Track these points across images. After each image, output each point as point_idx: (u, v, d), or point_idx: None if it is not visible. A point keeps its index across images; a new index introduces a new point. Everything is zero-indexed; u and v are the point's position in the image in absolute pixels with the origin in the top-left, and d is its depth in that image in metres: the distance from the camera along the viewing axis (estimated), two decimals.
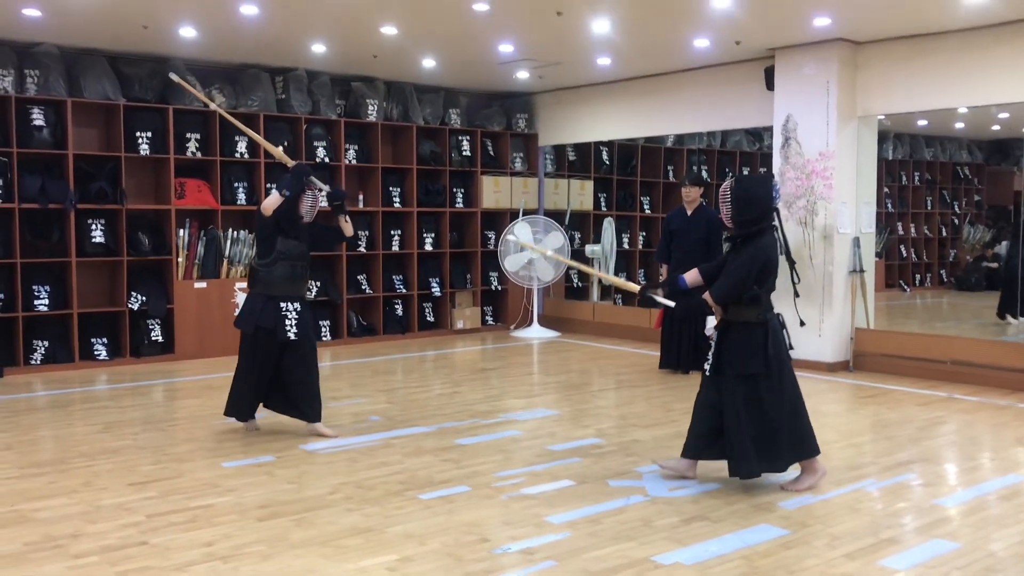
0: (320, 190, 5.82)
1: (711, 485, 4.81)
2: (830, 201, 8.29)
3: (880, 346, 8.35)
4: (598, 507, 4.43)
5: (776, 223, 4.67)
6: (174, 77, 6.49)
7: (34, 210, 8.23)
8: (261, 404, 5.90)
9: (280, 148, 7.12)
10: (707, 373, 4.75)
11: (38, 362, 8.24)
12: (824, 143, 8.30)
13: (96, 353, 8.53)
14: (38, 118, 8.19)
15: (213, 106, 6.53)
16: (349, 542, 3.96)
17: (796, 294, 4.93)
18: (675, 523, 4.22)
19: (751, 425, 4.56)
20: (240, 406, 5.83)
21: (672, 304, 4.90)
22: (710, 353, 4.75)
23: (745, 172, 13.62)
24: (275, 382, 5.78)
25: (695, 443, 4.78)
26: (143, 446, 5.59)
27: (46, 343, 8.29)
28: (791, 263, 4.87)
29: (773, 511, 4.40)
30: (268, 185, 9.48)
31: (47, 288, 8.27)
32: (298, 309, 5.68)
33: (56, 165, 8.44)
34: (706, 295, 4.66)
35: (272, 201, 5.60)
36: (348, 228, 5.96)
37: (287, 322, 5.61)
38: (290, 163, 5.91)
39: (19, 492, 4.67)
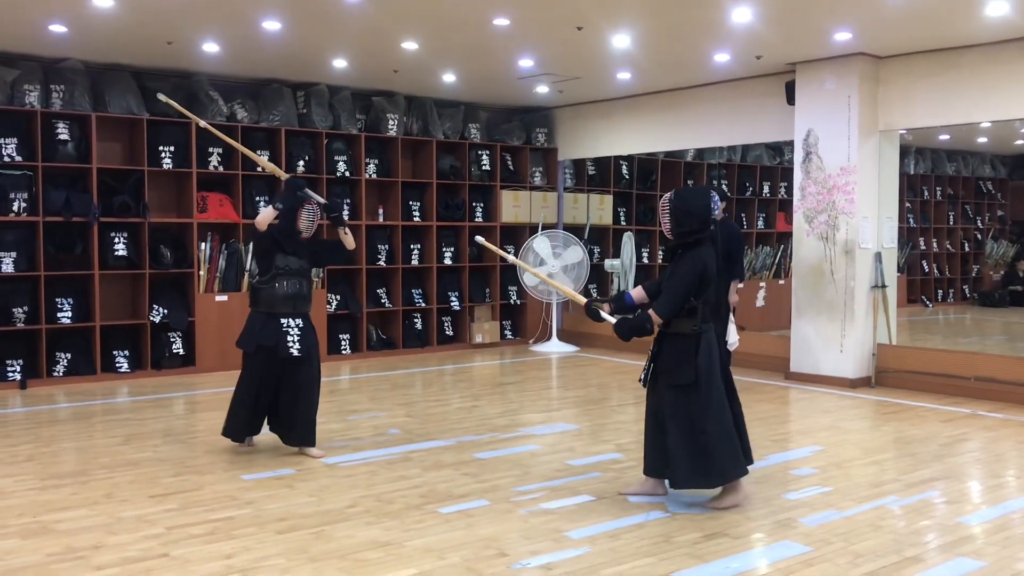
0: (316, 203, 5.72)
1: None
2: (852, 216, 8.25)
3: (902, 362, 8.28)
4: (618, 522, 4.40)
5: (714, 235, 4.63)
6: (162, 98, 6.38)
7: (58, 223, 8.31)
8: (267, 427, 5.77)
9: (265, 156, 7.15)
10: (642, 383, 4.73)
11: (61, 374, 8.30)
12: (846, 158, 8.27)
13: (118, 365, 8.58)
14: (63, 132, 8.29)
15: (203, 124, 6.36)
16: (368, 556, 3.96)
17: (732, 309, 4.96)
18: (695, 539, 4.19)
19: (682, 435, 4.53)
20: (236, 426, 5.68)
21: (615, 320, 4.76)
22: (646, 363, 4.73)
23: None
24: (276, 403, 5.64)
25: (649, 459, 4.75)
26: (164, 458, 5.62)
27: (69, 355, 8.35)
28: (739, 276, 4.83)
29: (794, 528, 4.36)
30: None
31: (70, 301, 8.34)
32: (300, 326, 5.56)
33: (80, 179, 8.53)
34: (650, 311, 4.59)
35: (265, 216, 5.51)
36: (349, 240, 5.80)
37: (289, 339, 5.49)
38: (283, 176, 5.83)
39: (41, 503, 4.70)
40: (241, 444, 5.83)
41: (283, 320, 5.53)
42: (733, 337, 8.02)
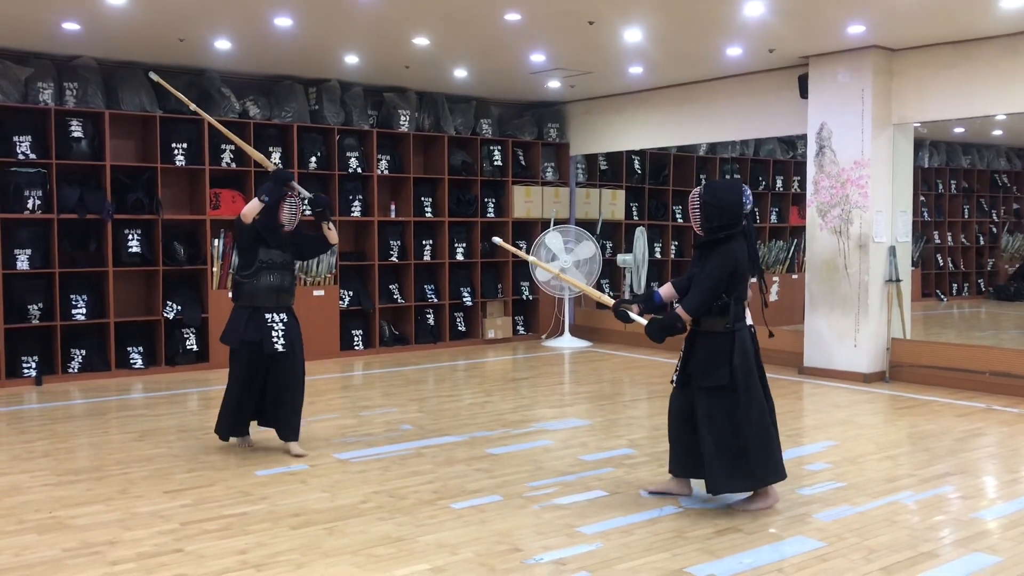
0: (302, 197, 5.66)
1: (745, 496, 4.75)
2: (865, 210, 8.21)
3: (917, 357, 8.24)
4: (631, 518, 4.40)
5: (746, 230, 4.49)
6: (153, 76, 6.24)
7: (72, 220, 8.35)
8: (256, 423, 5.74)
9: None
10: (673, 384, 4.63)
11: (75, 370, 8.35)
12: (859, 151, 8.22)
13: (132, 362, 8.63)
14: (77, 130, 8.32)
15: (193, 107, 6.26)
16: (381, 551, 3.97)
17: (764, 304, 4.74)
18: (708, 534, 4.18)
19: (718, 439, 4.40)
20: (227, 424, 5.63)
21: (645, 321, 4.61)
22: (677, 363, 4.63)
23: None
24: (264, 398, 5.61)
25: (678, 460, 4.64)
26: (178, 454, 5.64)
27: (83, 352, 8.40)
28: (759, 273, 4.60)
29: (808, 523, 4.34)
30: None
31: (85, 297, 8.39)
32: (285, 320, 5.50)
33: (94, 176, 8.56)
34: (678, 309, 4.47)
35: (251, 208, 5.44)
36: (332, 235, 5.72)
37: (273, 334, 5.43)
38: (272, 167, 5.76)
39: (57, 499, 4.73)
40: (243, 439, 5.77)
41: (267, 315, 5.46)
42: None
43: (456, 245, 10.73)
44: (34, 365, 8.14)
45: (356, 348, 9.97)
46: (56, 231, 8.23)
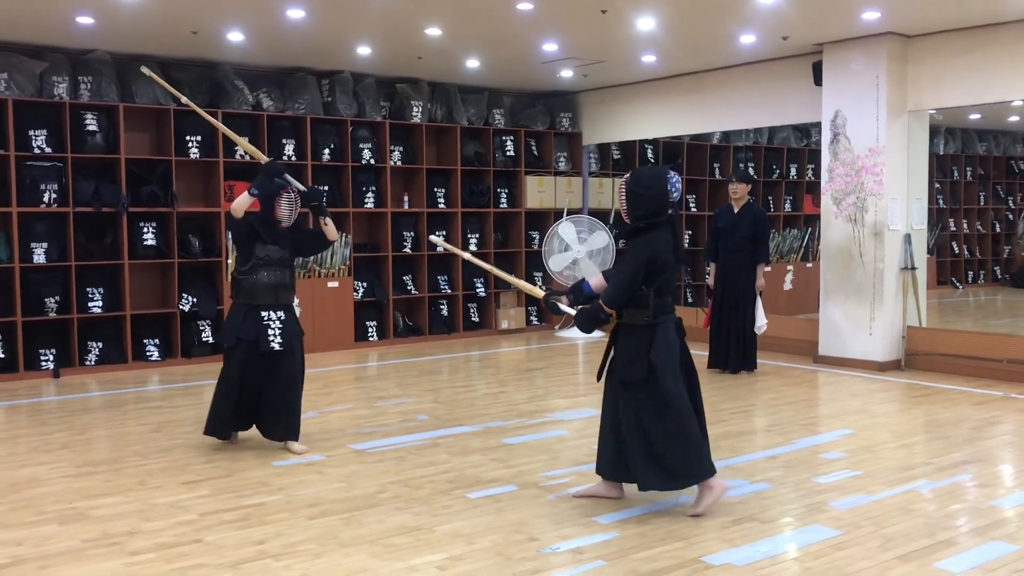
0: (297, 190, 5.49)
1: (761, 486, 4.76)
2: (880, 197, 8.16)
3: (933, 345, 8.20)
4: (647, 508, 4.40)
5: (671, 219, 4.31)
6: (145, 71, 6.09)
7: (88, 214, 8.40)
8: (254, 425, 5.60)
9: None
10: (597, 379, 4.49)
11: (92, 363, 8.40)
12: (874, 138, 8.18)
13: (148, 354, 8.68)
14: (91, 123, 8.36)
15: (184, 100, 6.04)
16: (398, 541, 3.99)
17: (686, 298, 4.60)
18: (725, 523, 4.18)
19: (639, 436, 4.25)
20: (216, 423, 5.48)
21: (574, 312, 4.45)
22: (604, 358, 4.44)
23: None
24: (259, 399, 5.47)
25: (603, 461, 4.48)
26: (195, 445, 5.67)
27: (100, 344, 8.45)
28: (682, 262, 4.44)
29: (824, 511, 4.34)
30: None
31: (101, 290, 8.44)
32: (282, 318, 5.39)
33: (109, 169, 8.60)
34: (600, 300, 4.33)
35: (241, 202, 5.28)
36: (331, 231, 5.57)
37: (270, 331, 5.33)
38: (264, 160, 5.59)
39: (76, 490, 4.77)
40: (228, 441, 5.66)
41: (263, 313, 5.35)
42: (761, 320, 8.02)
43: (469, 236, 10.74)
44: (52, 358, 8.20)
45: (370, 339, 10.00)
46: (72, 224, 8.27)
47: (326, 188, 9.44)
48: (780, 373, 8.15)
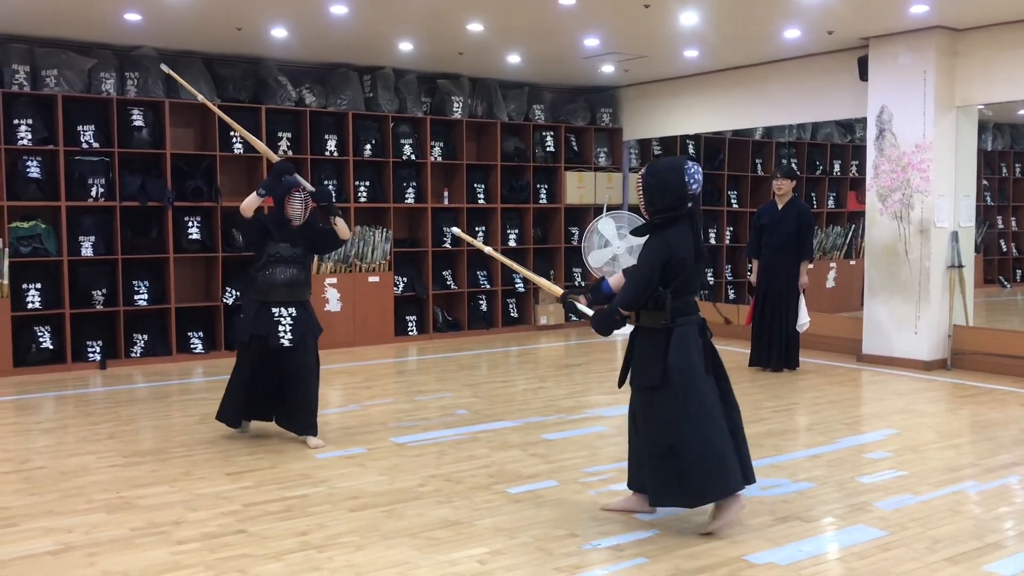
0: (304, 190, 5.52)
1: (804, 485, 4.71)
2: (927, 194, 8.04)
3: (980, 344, 8.06)
4: None
5: (691, 214, 4.03)
6: (164, 68, 6.18)
7: (134, 208, 8.52)
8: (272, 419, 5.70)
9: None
10: (619, 385, 4.27)
11: (138, 355, 8.54)
12: (921, 134, 8.05)
13: (192, 346, 8.79)
14: (138, 119, 8.48)
15: (201, 98, 6.20)
16: (439, 534, 4.00)
17: (702, 297, 4.25)
18: (768, 522, 4.15)
19: (653, 446, 4.01)
20: (227, 412, 5.61)
21: (591, 313, 4.26)
22: (625, 362, 4.22)
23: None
24: (276, 393, 5.57)
25: (632, 471, 4.27)
26: (238, 437, 5.74)
27: (145, 337, 8.58)
28: (703, 259, 4.15)
29: (869, 512, 4.28)
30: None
31: (146, 283, 8.57)
32: (293, 315, 5.43)
33: (155, 164, 8.72)
34: (615, 302, 4.10)
35: (249, 202, 5.39)
36: (343, 230, 5.59)
37: (280, 328, 5.39)
38: (275, 158, 5.65)
39: (124, 480, 4.85)
40: (237, 430, 5.75)
41: (275, 309, 5.41)
42: (804, 318, 7.93)
43: (508, 231, 10.74)
44: (98, 350, 8.34)
45: (410, 334, 10.05)
46: (119, 218, 8.40)
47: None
48: (823, 371, 8.06)
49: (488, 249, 4.97)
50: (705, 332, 4.10)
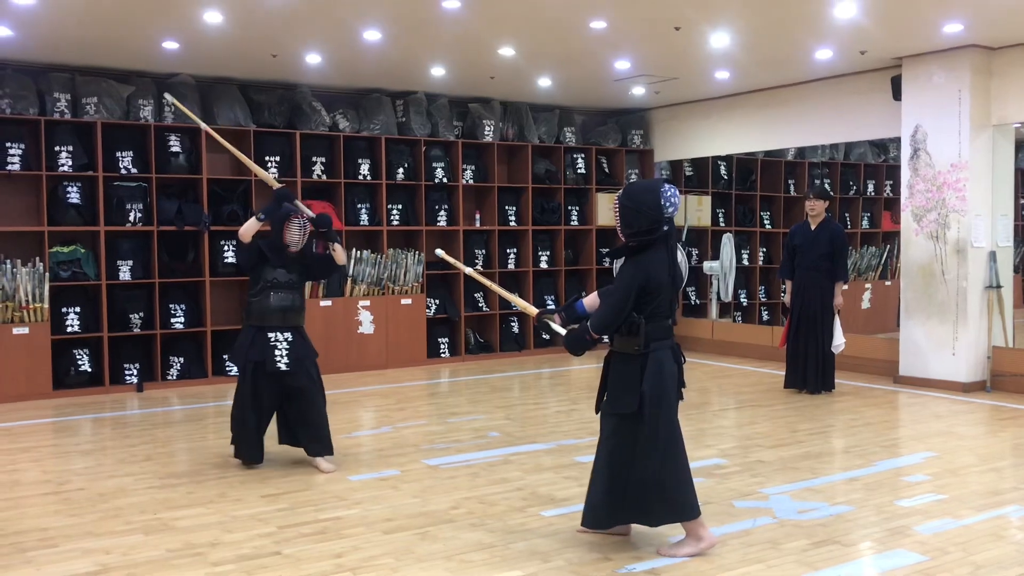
0: (304, 216, 5.57)
1: (841, 508, 4.65)
2: (963, 214, 7.95)
3: (1020, 366, 7.93)
4: (724, 528, 4.34)
5: (667, 236, 3.99)
6: (168, 98, 6.35)
7: (171, 232, 8.65)
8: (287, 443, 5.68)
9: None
10: (596, 412, 4.21)
11: (174, 377, 8.63)
12: (956, 154, 7.97)
13: (227, 369, 8.87)
14: (175, 145, 8.62)
15: (203, 126, 6.20)
16: (474, 557, 4.00)
17: (673, 322, 4.12)
18: (805, 546, 4.09)
19: (611, 468, 4.00)
20: (240, 447, 5.58)
21: (564, 332, 4.23)
22: (600, 389, 4.20)
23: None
24: (281, 416, 5.61)
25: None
26: (272, 459, 5.76)
27: (182, 359, 8.67)
28: (679, 283, 4.12)
29: (909, 536, 4.22)
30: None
31: (183, 307, 8.67)
32: (289, 339, 5.47)
33: (191, 189, 8.85)
34: (588, 324, 4.07)
35: (248, 227, 5.46)
36: (340, 256, 5.67)
37: (276, 353, 5.42)
38: (275, 185, 5.71)
39: (160, 501, 4.89)
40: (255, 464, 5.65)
41: (271, 334, 5.44)
42: (839, 339, 7.85)
43: (540, 253, 10.76)
44: (136, 372, 8.44)
45: (442, 356, 10.07)
46: (156, 242, 8.53)
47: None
48: (859, 393, 7.97)
49: (468, 270, 4.96)
50: (679, 357, 4.08)
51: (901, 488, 5.04)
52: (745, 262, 12.09)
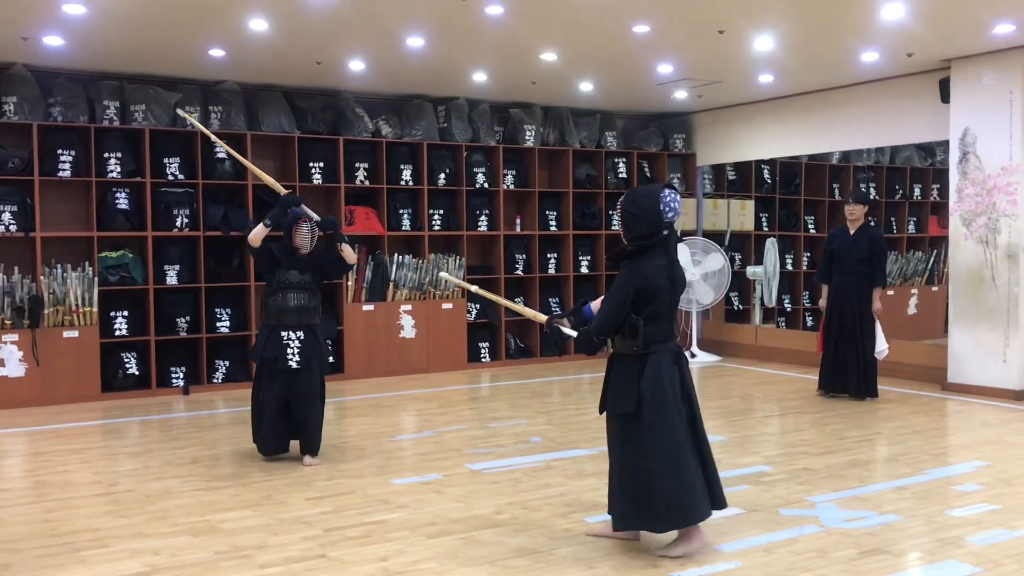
0: (311, 220, 5.80)
1: (890, 517, 4.58)
2: (1015, 218, 7.80)
3: None
4: (770, 536, 4.29)
5: (666, 241, 4.06)
6: (181, 113, 6.62)
7: (217, 237, 8.76)
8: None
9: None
10: (600, 412, 4.32)
11: (220, 380, 8.73)
12: (1007, 157, 7.83)
13: None
14: (221, 151, 8.73)
15: (213, 138, 6.45)
16: (518, 563, 3.99)
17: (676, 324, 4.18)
18: (853, 555, 4.04)
19: (623, 470, 4.09)
20: (259, 439, 5.86)
21: (575, 334, 4.28)
22: (603, 390, 4.27)
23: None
24: (293, 414, 5.81)
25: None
26: (317, 462, 5.81)
27: (227, 363, 8.78)
28: (679, 286, 4.16)
29: (961, 547, 4.14)
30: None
31: (228, 311, 8.78)
32: (301, 338, 5.71)
33: (237, 195, 8.96)
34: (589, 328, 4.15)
35: (256, 233, 5.67)
36: (349, 255, 5.92)
37: (288, 351, 5.67)
38: (282, 191, 5.95)
39: (207, 504, 4.95)
40: (273, 456, 5.91)
41: (284, 333, 5.70)
42: (882, 345, 7.74)
43: (580, 258, 10.74)
44: (182, 375, 8.55)
45: (483, 360, 10.09)
46: (202, 247, 8.64)
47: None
48: (905, 400, 7.84)
49: (473, 288, 4.96)
50: (681, 359, 4.13)
51: (952, 497, 4.95)
52: (789, 267, 11.98)
